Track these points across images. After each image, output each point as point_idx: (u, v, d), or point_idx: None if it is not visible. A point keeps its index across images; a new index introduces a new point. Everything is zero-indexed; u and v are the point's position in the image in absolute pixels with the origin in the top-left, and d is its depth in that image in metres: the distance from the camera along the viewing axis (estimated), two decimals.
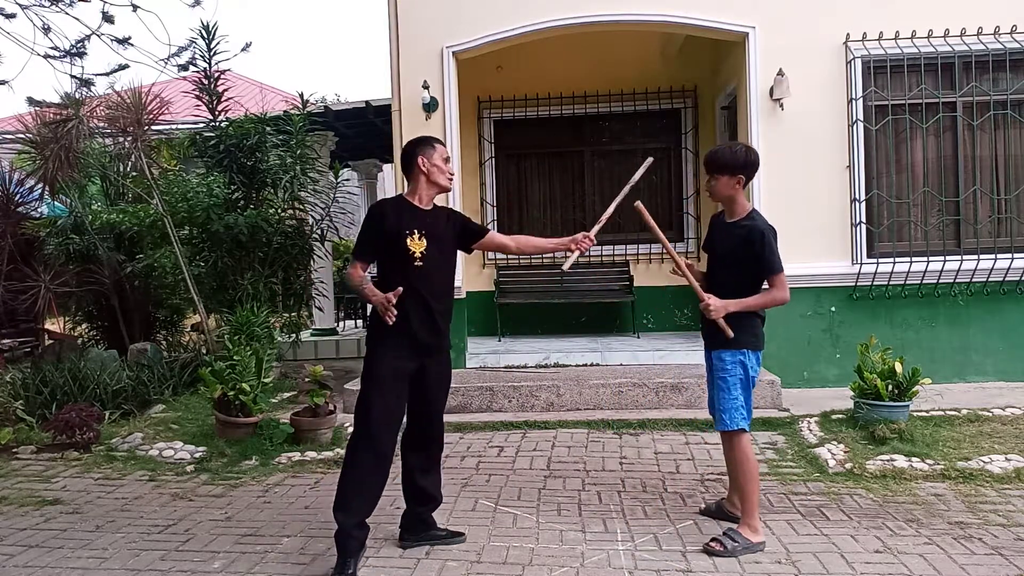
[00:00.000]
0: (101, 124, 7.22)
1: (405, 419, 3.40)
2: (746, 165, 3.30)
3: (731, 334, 3.27)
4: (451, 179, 3.42)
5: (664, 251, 3.54)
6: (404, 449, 3.44)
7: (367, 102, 8.61)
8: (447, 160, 3.39)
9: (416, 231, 3.25)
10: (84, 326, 8.32)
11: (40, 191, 7.75)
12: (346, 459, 3.26)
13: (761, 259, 3.24)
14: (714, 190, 3.38)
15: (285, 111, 7.72)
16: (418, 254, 3.23)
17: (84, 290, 7.62)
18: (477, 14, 6.46)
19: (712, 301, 3.26)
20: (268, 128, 7.28)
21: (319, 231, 7.66)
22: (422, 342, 3.27)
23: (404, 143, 3.50)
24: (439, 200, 3.51)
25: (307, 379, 5.57)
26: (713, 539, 3.25)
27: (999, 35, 6.03)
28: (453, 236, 3.44)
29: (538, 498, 4.06)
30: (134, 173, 7.77)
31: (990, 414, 5.13)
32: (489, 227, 8.12)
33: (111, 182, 8.18)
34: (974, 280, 6.12)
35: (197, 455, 4.98)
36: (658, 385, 5.71)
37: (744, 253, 3.27)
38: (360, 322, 11.70)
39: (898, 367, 4.79)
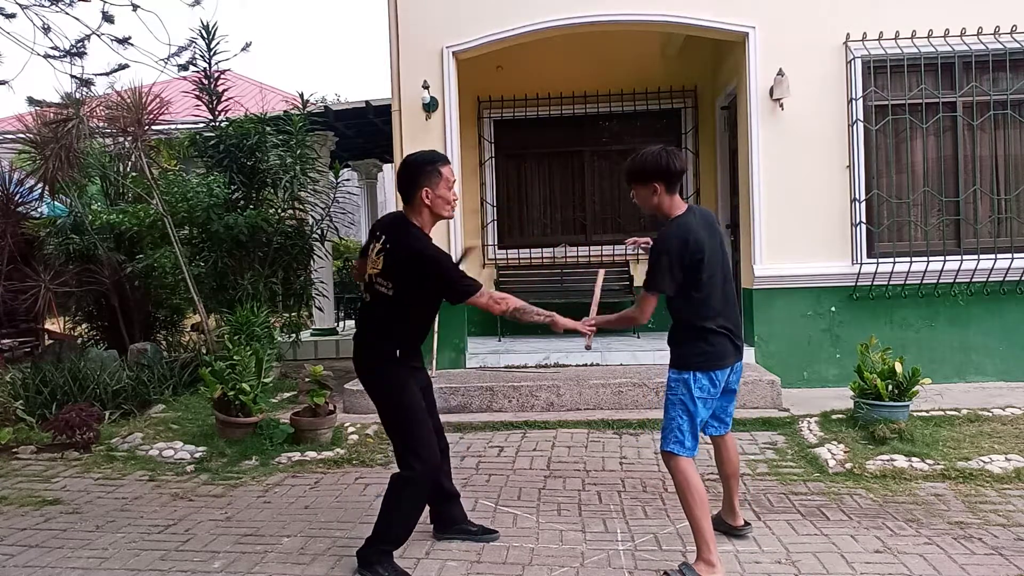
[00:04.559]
0: (101, 124, 7.22)
1: None
2: (656, 171, 2.96)
3: (590, 343, 3.38)
4: (453, 209, 3.20)
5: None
6: None
7: (367, 102, 8.61)
8: (451, 186, 3.15)
9: None
10: (84, 326, 8.32)
11: (40, 191, 7.75)
12: (402, 494, 3.09)
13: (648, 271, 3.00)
14: (637, 201, 3.11)
15: (285, 111, 7.72)
16: None
17: (84, 290, 7.61)
18: (477, 14, 6.45)
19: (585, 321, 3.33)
20: (268, 128, 7.28)
21: (319, 231, 7.66)
22: (414, 368, 3.28)
23: (405, 156, 3.26)
24: None
25: (307, 379, 5.58)
26: (665, 573, 2.99)
27: (999, 35, 6.03)
28: None
29: (538, 498, 4.06)
30: (134, 173, 7.77)
31: (990, 414, 5.13)
32: (489, 226, 8.14)
33: (111, 182, 8.17)
34: (974, 280, 6.12)
35: (197, 455, 4.98)
36: (658, 385, 5.70)
37: None
38: None
39: (898, 367, 4.79)
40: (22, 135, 7.23)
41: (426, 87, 6.40)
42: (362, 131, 9.69)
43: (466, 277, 3.13)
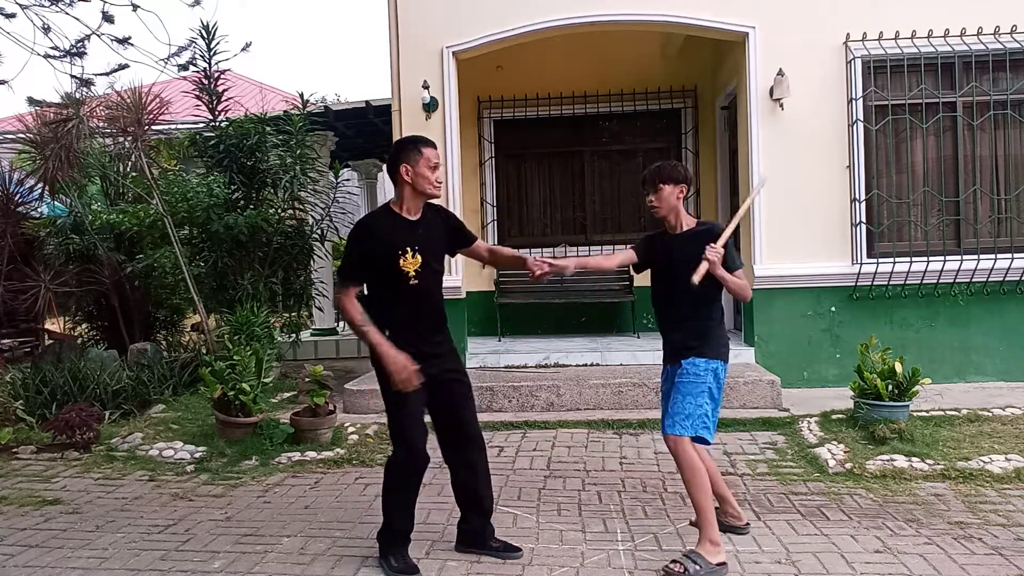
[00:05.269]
0: (101, 124, 7.23)
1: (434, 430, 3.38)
2: (687, 178, 3.37)
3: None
4: (438, 187, 3.19)
5: None
6: (447, 459, 3.37)
7: (367, 102, 8.61)
8: (435, 167, 3.16)
9: (410, 249, 3.11)
10: (84, 326, 8.32)
11: (40, 191, 7.75)
12: (387, 478, 3.23)
13: (726, 255, 3.15)
14: (659, 200, 3.29)
15: (285, 111, 7.72)
16: (412, 273, 3.12)
17: (84, 290, 7.62)
18: (477, 14, 6.46)
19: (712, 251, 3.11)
20: (268, 128, 7.28)
21: (319, 231, 7.66)
22: (423, 353, 3.16)
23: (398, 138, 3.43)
24: None
25: (307, 379, 5.58)
26: (674, 560, 3.06)
27: (999, 35, 6.03)
28: (446, 242, 3.34)
29: (538, 498, 4.06)
30: (134, 173, 7.77)
31: (990, 414, 5.13)
32: (489, 226, 8.15)
33: (111, 182, 8.18)
34: (974, 280, 6.11)
35: (197, 455, 4.98)
36: (658, 385, 5.68)
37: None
38: None
39: (898, 367, 4.79)
40: (22, 135, 7.24)
41: (426, 87, 6.40)
42: (362, 131, 9.68)
43: (348, 271, 3.19)
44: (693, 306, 3.26)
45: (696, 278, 3.07)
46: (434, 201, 3.32)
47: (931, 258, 6.09)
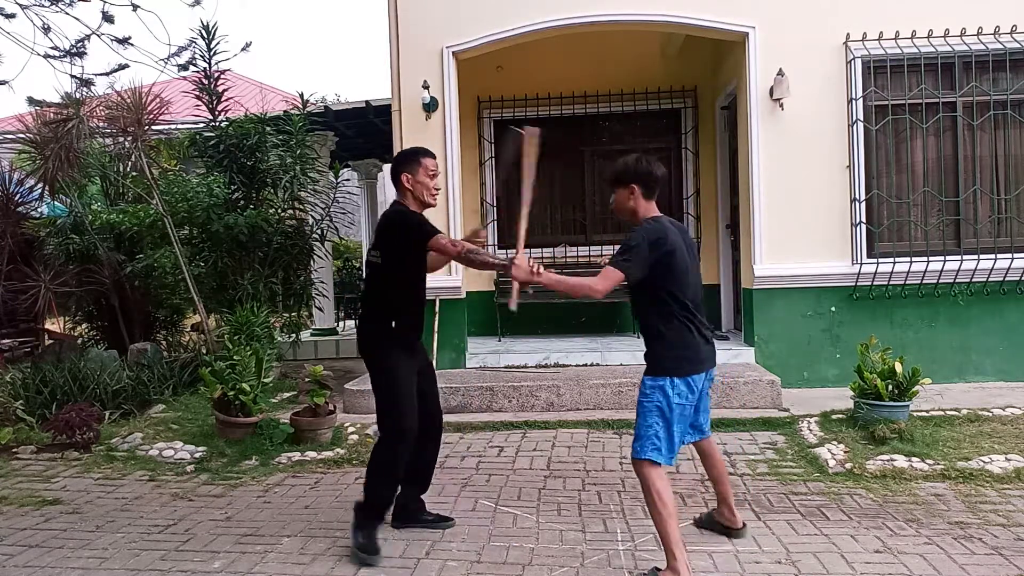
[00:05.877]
0: (101, 124, 7.22)
1: None
2: (636, 173, 3.11)
3: (513, 305, 3.28)
4: (435, 195, 3.55)
5: None
6: None
7: (367, 102, 8.61)
8: (433, 175, 3.51)
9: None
10: (84, 326, 8.32)
11: (40, 191, 7.75)
12: (380, 465, 3.39)
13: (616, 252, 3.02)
14: (615, 204, 3.22)
15: (285, 111, 7.72)
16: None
17: (84, 290, 7.62)
18: (477, 14, 6.46)
19: (520, 260, 3.07)
20: (268, 128, 7.28)
21: (319, 231, 7.66)
22: (413, 342, 3.58)
23: (401, 149, 3.66)
24: None
25: (307, 379, 5.58)
26: None
27: (999, 35, 6.03)
28: None
29: (538, 498, 4.06)
30: (134, 173, 7.77)
31: (990, 414, 5.13)
32: (489, 226, 8.13)
33: (111, 182, 8.18)
34: (974, 280, 6.11)
35: (197, 455, 4.98)
36: None
37: None
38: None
39: (898, 367, 4.79)
40: (22, 135, 7.23)
41: (426, 87, 6.40)
42: (362, 131, 9.69)
43: (427, 226, 3.36)
44: (642, 320, 3.20)
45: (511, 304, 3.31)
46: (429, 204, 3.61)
47: (931, 258, 6.09)
